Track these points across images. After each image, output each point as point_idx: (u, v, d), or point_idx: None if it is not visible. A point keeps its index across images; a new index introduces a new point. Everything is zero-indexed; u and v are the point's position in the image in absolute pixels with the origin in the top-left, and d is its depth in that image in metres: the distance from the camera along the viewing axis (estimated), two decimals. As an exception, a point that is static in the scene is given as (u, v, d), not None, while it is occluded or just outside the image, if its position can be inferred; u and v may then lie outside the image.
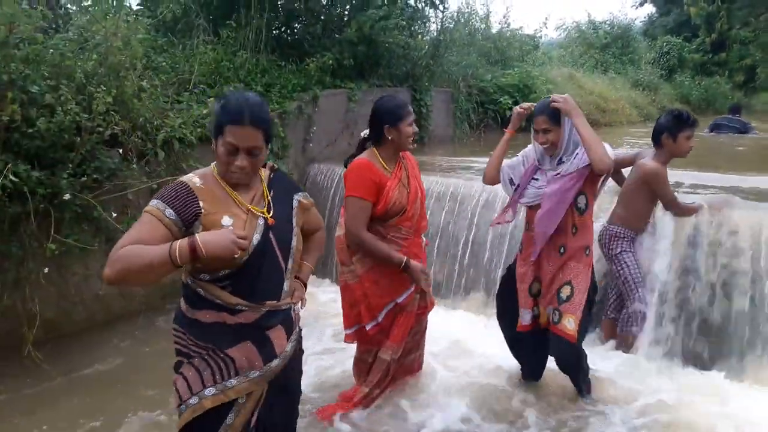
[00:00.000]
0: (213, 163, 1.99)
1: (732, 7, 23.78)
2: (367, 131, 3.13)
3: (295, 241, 2.06)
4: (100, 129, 4.13)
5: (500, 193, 4.81)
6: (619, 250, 3.83)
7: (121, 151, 4.36)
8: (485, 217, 4.79)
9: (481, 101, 9.96)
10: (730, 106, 11.03)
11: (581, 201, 3.10)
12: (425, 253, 3.33)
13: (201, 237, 1.74)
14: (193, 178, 1.92)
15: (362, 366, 3.32)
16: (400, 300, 3.14)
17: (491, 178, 3.42)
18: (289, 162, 5.92)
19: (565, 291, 3.11)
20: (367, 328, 3.13)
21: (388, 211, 3.01)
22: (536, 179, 3.20)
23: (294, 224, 2.07)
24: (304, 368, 2.28)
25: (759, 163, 6.73)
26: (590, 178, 3.05)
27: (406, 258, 3.01)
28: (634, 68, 17.58)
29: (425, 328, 3.47)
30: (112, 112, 4.26)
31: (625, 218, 3.86)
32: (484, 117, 10.01)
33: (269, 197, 2.02)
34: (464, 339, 4.11)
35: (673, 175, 4.20)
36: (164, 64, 5.63)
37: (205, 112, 4.94)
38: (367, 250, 3.03)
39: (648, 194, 3.80)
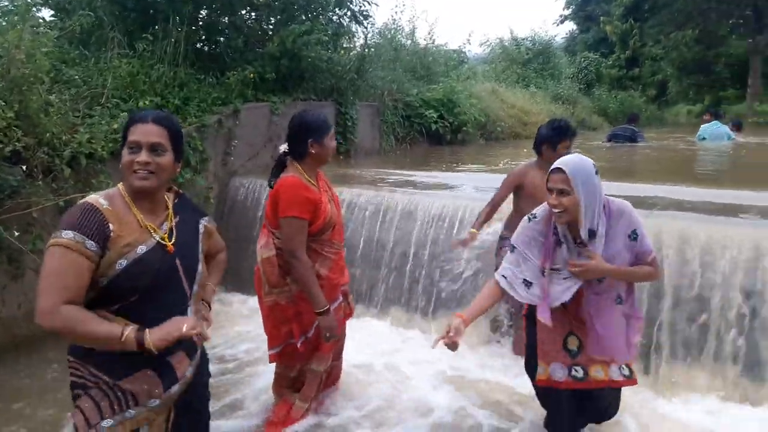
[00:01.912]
0: (119, 184, 1.94)
1: (644, 26, 25.28)
2: (285, 146, 3.05)
3: (201, 266, 2.05)
4: (0, 145, 3.95)
5: (421, 204, 4.93)
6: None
7: (24, 167, 4.18)
8: (406, 227, 4.87)
9: (407, 115, 10.13)
10: (628, 116, 11.75)
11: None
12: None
13: (151, 337, 1.77)
14: (99, 200, 1.86)
15: (283, 381, 3.29)
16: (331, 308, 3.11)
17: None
18: (208, 175, 5.83)
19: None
20: (299, 344, 3.09)
21: (324, 227, 2.98)
22: (558, 270, 2.63)
23: (200, 250, 2.06)
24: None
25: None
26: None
27: (329, 307, 2.97)
28: (555, 83, 18.32)
29: (345, 334, 3.46)
30: (14, 128, 4.08)
31: None
32: (410, 130, 10.18)
33: (173, 222, 1.99)
34: (386, 351, 4.16)
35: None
36: (76, 77, 5.44)
37: (116, 127, 4.80)
38: (299, 276, 2.94)
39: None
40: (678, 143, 11.40)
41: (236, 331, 4.61)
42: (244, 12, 7.51)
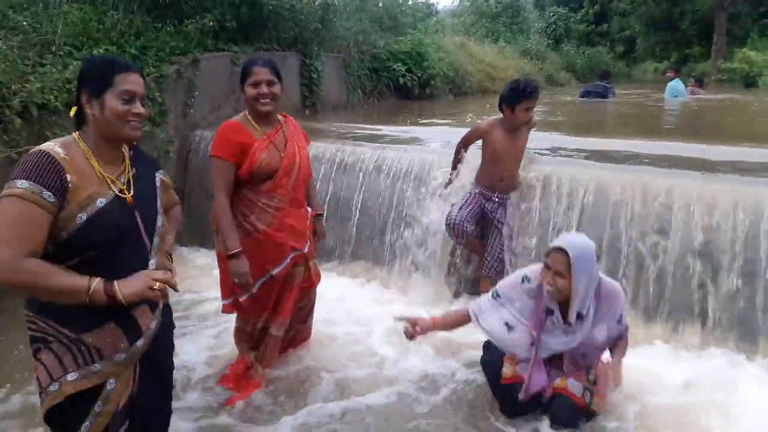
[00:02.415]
0: (75, 133, 1.85)
1: (613, -20, 25.18)
2: None
3: (161, 219, 2.00)
4: (-57, 93, 3.75)
5: (389, 157, 4.89)
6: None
7: (-28, 118, 3.98)
8: (375, 182, 4.84)
9: (375, 68, 9.96)
10: (600, 72, 11.83)
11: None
12: (309, 225, 3.21)
13: (119, 287, 1.76)
14: (55, 148, 1.76)
15: (242, 335, 3.26)
16: (275, 272, 3.05)
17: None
18: (169, 128, 5.65)
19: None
20: (241, 299, 3.06)
21: (254, 175, 2.91)
22: (553, 334, 2.75)
23: (158, 203, 2.01)
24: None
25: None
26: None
27: (239, 250, 2.89)
28: (524, 37, 18.23)
29: (313, 301, 3.44)
30: (-42, 75, 3.87)
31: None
32: (378, 84, 10.03)
33: (130, 174, 1.93)
34: (352, 306, 4.17)
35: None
36: (24, 23, 5.16)
37: (68, 76, 4.59)
38: (213, 216, 2.94)
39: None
40: (645, 99, 11.50)
41: (197, 284, 4.56)
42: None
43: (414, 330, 2.94)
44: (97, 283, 1.73)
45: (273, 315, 3.14)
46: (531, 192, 4.19)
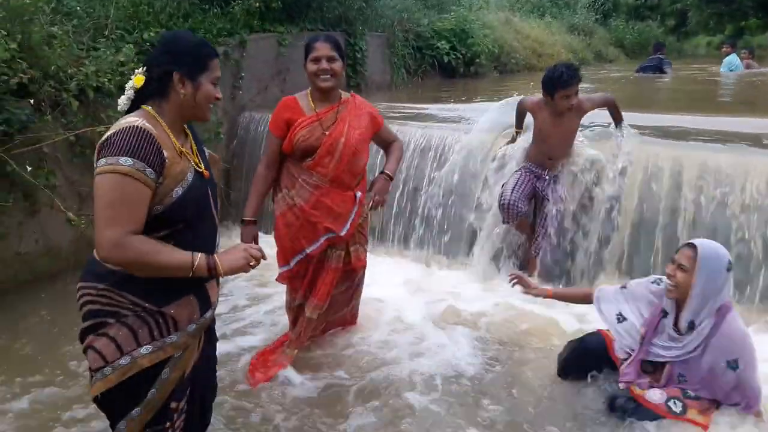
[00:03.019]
0: (148, 108, 1.85)
1: (664, -50, 24.11)
2: None
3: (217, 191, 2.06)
4: (5, 77, 3.86)
5: (435, 137, 4.83)
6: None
7: (32, 101, 4.10)
8: (423, 163, 4.80)
9: (419, 46, 9.82)
10: (654, 45, 11.47)
11: None
12: (359, 212, 3.10)
13: (220, 260, 1.84)
14: (145, 123, 1.77)
15: (287, 307, 3.32)
16: (309, 250, 3.05)
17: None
18: (218, 110, 5.72)
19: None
20: (280, 271, 3.13)
21: (294, 150, 2.96)
22: (661, 338, 2.68)
23: (213, 175, 2.05)
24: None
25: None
26: None
27: (250, 218, 3.03)
28: (570, 12, 17.66)
29: (358, 285, 3.42)
30: (19, 60, 3.98)
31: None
32: (422, 63, 9.90)
33: (195, 149, 1.97)
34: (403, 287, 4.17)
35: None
36: (78, 8, 5.27)
37: (122, 59, 4.67)
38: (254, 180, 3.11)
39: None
40: (702, 73, 11.08)
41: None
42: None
43: (527, 283, 3.07)
44: (200, 258, 1.79)
45: (308, 295, 3.17)
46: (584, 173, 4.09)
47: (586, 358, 2.94)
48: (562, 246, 4.13)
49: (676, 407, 2.56)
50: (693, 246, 2.52)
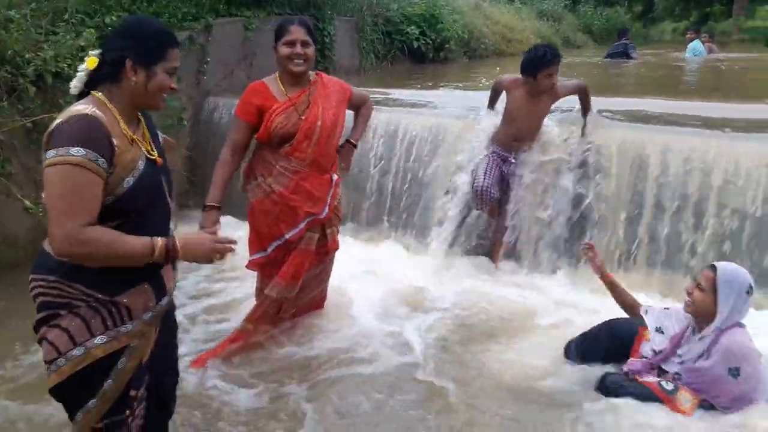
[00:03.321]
0: (98, 94, 1.79)
1: (632, -63, 24.33)
2: None
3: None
4: (-42, 62, 3.74)
5: (403, 122, 4.82)
6: None
7: (-13, 87, 3.98)
8: (390, 148, 4.79)
9: (388, 31, 9.75)
10: (618, 31, 11.69)
11: None
12: (335, 194, 3.13)
13: (182, 243, 1.78)
14: (95, 111, 1.71)
15: (257, 296, 3.28)
16: (288, 235, 3.05)
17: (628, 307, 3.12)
18: (182, 95, 5.61)
19: None
20: (252, 258, 3.11)
21: (272, 138, 2.93)
22: (682, 349, 2.76)
23: (167, 162, 2.00)
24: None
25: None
26: None
27: (212, 204, 2.90)
28: (540, -2, 17.71)
29: (329, 267, 3.42)
30: (-28, 44, 3.86)
31: None
32: (391, 48, 9.83)
33: (148, 136, 1.92)
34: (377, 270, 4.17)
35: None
36: (35, -10, 5.10)
37: (82, 44, 4.55)
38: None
39: None
40: (667, 60, 11.27)
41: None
42: None
43: (595, 261, 3.17)
44: (160, 242, 1.75)
45: (276, 277, 3.11)
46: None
47: (612, 339, 2.96)
48: (527, 231, 4.16)
49: (668, 386, 2.64)
50: (713, 267, 2.65)
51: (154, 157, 1.87)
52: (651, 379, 2.71)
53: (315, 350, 3.21)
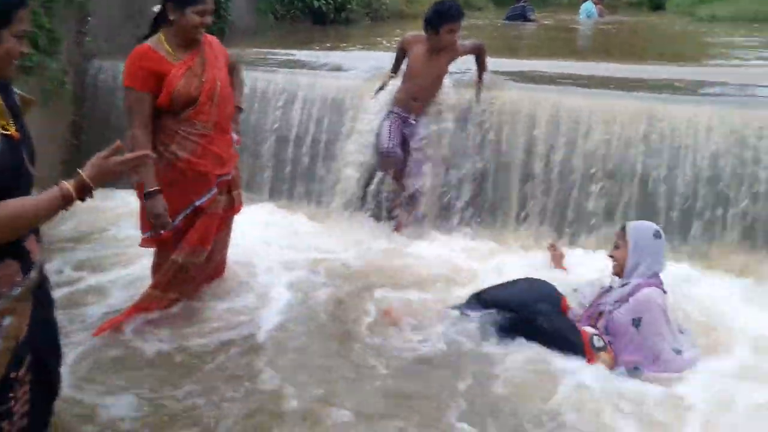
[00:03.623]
0: None
1: None
2: (158, 7, 2.87)
3: None
4: None
5: (302, 85, 4.70)
6: None
7: None
8: (290, 111, 4.66)
9: (287, -10, 9.45)
10: None
11: None
12: (236, 154, 3.13)
13: (86, 172, 1.68)
14: None
15: (160, 271, 3.10)
16: (199, 202, 2.96)
17: None
18: (62, 58, 5.17)
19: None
20: (163, 232, 2.93)
21: (174, 103, 2.79)
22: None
23: (26, 128, 1.81)
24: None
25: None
26: None
27: (155, 188, 2.78)
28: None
29: (230, 230, 3.34)
30: None
31: None
32: (291, 8, 9.54)
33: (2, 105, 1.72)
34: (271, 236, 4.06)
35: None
36: None
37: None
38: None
39: None
40: (563, 22, 11.66)
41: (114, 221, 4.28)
42: None
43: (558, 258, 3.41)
44: (68, 186, 1.64)
45: (184, 243, 2.99)
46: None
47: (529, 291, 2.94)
48: (429, 192, 4.20)
49: (599, 343, 2.71)
50: (622, 226, 2.88)
51: (10, 133, 1.69)
52: (588, 329, 2.77)
53: (217, 323, 3.09)
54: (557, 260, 3.47)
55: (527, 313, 2.79)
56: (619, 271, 2.82)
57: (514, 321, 2.81)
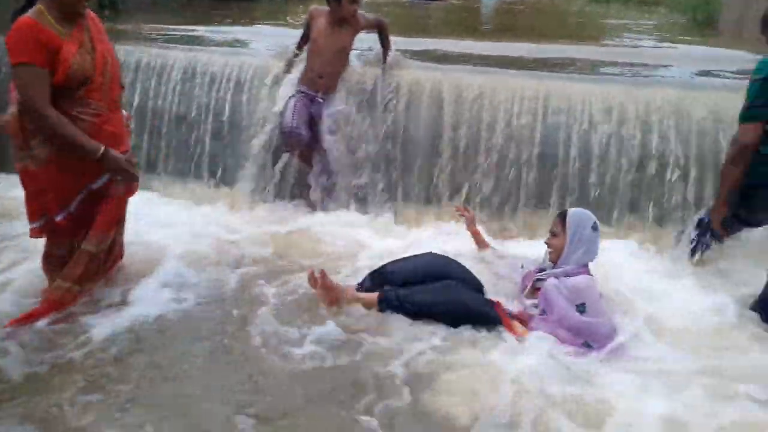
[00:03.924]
0: None
1: None
2: None
3: None
4: None
5: (203, 62, 4.49)
6: None
7: None
8: (188, 90, 4.45)
9: (186, -39, 9.01)
10: None
11: None
12: (128, 130, 3.01)
13: None
14: None
15: (53, 261, 2.93)
16: (94, 186, 2.80)
17: None
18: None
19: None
20: (57, 219, 2.76)
21: (69, 81, 2.59)
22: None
23: None
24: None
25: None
26: None
27: (103, 147, 2.65)
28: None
29: (126, 211, 3.14)
30: None
31: None
32: (190, -20, 9.13)
33: None
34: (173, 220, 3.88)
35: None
36: None
37: None
38: (51, 133, 2.60)
39: None
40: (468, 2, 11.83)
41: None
42: None
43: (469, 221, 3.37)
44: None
45: (89, 230, 2.86)
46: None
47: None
48: (339, 172, 4.16)
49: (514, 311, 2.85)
50: (561, 214, 2.91)
51: None
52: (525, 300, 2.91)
53: (122, 308, 2.95)
54: (470, 222, 3.42)
55: (431, 288, 2.85)
56: (555, 259, 2.89)
57: (415, 300, 2.84)
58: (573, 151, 3.82)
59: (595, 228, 2.86)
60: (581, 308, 2.73)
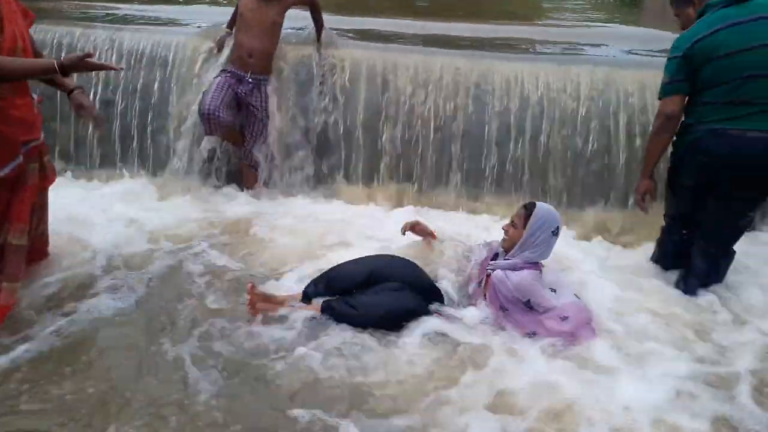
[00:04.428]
0: None
1: None
2: None
3: None
4: None
5: (126, 41, 4.29)
6: None
7: None
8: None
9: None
10: None
11: None
12: (39, 115, 2.80)
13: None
14: None
15: None
16: (3, 173, 2.62)
17: None
18: None
19: None
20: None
21: None
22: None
23: None
24: None
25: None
26: None
27: (54, 61, 2.48)
28: None
29: (47, 202, 3.01)
30: None
31: None
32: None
33: None
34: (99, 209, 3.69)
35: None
36: None
37: None
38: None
39: None
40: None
41: None
42: None
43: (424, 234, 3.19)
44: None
45: (7, 223, 2.70)
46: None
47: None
48: (273, 154, 4.08)
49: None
50: (528, 208, 2.80)
51: None
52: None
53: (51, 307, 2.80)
54: (421, 233, 3.22)
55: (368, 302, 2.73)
56: (508, 247, 2.85)
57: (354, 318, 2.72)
58: (502, 129, 3.91)
59: (555, 233, 2.79)
60: (528, 305, 2.72)
